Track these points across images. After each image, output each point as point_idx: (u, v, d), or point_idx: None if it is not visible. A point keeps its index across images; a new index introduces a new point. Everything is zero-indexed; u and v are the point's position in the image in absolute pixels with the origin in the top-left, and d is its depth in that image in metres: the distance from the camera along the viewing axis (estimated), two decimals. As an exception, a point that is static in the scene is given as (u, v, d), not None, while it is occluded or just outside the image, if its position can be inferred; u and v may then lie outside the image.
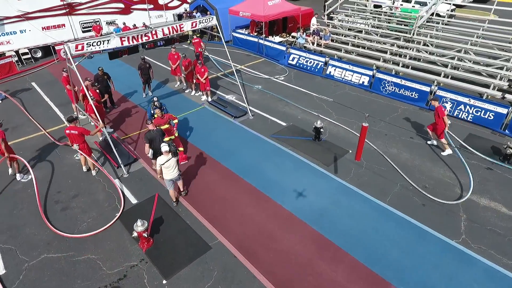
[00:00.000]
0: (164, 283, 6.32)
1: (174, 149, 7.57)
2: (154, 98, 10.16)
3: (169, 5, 22.50)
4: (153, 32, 9.89)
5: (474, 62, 13.87)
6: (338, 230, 7.36)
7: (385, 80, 13.28)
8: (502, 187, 8.45)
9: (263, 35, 18.00)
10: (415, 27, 15.91)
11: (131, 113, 12.52)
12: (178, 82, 14.67)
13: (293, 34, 19.41)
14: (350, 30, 18.78)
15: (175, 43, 11.75)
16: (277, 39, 18.99)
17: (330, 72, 15.06)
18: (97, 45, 8.91)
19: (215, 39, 19.62)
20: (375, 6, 21.82)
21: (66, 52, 8.55)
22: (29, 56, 17.70)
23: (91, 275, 6.48)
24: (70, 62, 8.80)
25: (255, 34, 19.19)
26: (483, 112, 10.98)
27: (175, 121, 9.32)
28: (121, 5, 20.38)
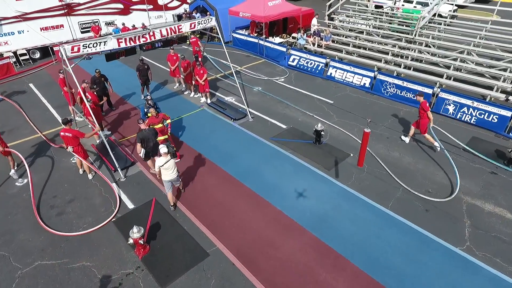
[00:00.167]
0: (160, 292, 6.16)
1: (173, 151, 7.58)
2: (148, 97, 10.14)
3: (169, 6, 22.35)
4: (151, 33, 9.73)
5: (477, 64, 13.67)
6: (339, 237, 7.19)
7: (387, 82, 13.11)
8: (507, 192, 8.26)
9: (263, 36, 17.83)
10: (417, 28, 15.72)
11: (130, 115, 12.36)
12: (177, 84, 14.51)
13: (294, 35, 19.25)
14: (351, 31, 18.59)
15: (174, 45, 11.56)
16: (277, 40, 18.82)
17: (331, 74, 14.88)
18: (94, 47, 8.75)
19: (215, 40, 19.45)
20: (377, 7, 21.64)
21: (62, 54, 8.39)
22: (27, 57, 17.55)
23: (86, 283, 6.31)
24: (66, 64, 8.64)
25: (255, 35, 19.02)
26: (487, 115, 10.80)
27: (168, 121, 9.37)
28: (120, 6, 20.24)
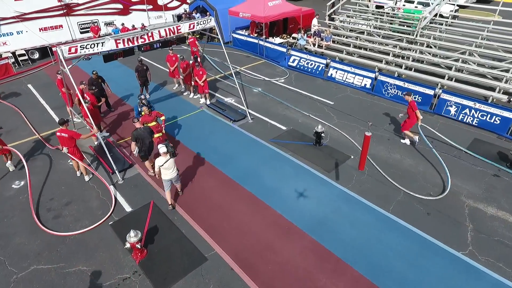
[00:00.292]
0: (157, 297, 6.05)
1: (172, 150, 7.54)
2: (142, 96, 10.19)
3: (169, 6, 22.23)
4: (149, 34, 9.63)
5: (479, 65, 13.54)
6: (339, 240, 7.08)
7: (388, 83, 12.98)
8: (510, 195, 8.14)
9: (263, 36, 17.72)
10: (418, 28, 15.60)
11: (128, 117, 12.23)
12: (177, 84, 14.40)
13: (294, 35, 19.13)
14: (352, 31, 18.47)
15: (172, 45, 11.46)
16: (278, 41, 18.70)
17: (332, 74, 14.76)
18: (91, 48, 8.65)
19: (215, 40, 19.32)
20: (377, 7, 21.51)
21: (59, 55, 8.29)
22: (26, 58, 17.45)
23: (82, 288, 6.22)
24: (63, 65, 8.54)
25: (255, 35, 18.91)
26: (489, 116, 10.68)
27: (162, 118, 9.43)
28: (120, 6, 20.13)
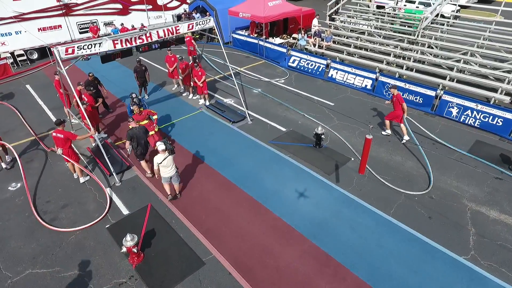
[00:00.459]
0: (154, 303, 5.95)
1: (171, 147, 7.51)
2: (133, 95, 10.17)
3: (168, 6, 22.13)
4: (148, 35, 9.52)
5: (481, 65, 13.41)
6: (339, 245, 6.96)
7: (389, 84, 12.85)
8: (513, 199, 8.03)
9: (263, 37, 17.60)
10: (420, 29, 15.46)
11: (127, 118, 12.11)
12: (176, 85, 14.29)
13: (294, 36, 19.01)
14: (353, 32, 18.34)
15: (171, 46, 11.34)
16: (278, 41, 18.59)
17: (332, 75, 14.65)
18: (88, 48, 8.55)
19: (215, 41, 19.21)
20: (378, 7, 21.38)
21: (56, 56, 8.19)
22: (25, 58, 17.35)
23: (77, 294, 6.12)
24: (60, 66, 8.43)
25: (255, 36, 18.80)
26: (491, 118, 10.55)
27: (155, 117, 9.49)
28: (119, 6, 20.02)
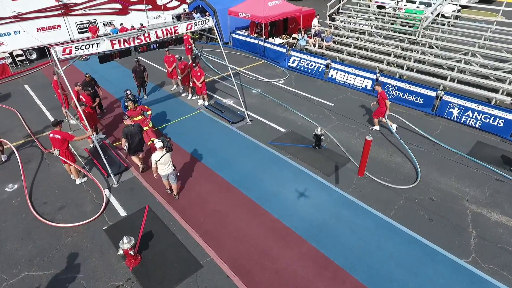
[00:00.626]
0: (151, 306, 5.88)
1: (168, 145, 7.48)
2: (128, 91, 10.20)
3: (168, 6, 22.06)
4: (146, 35, 9.45)
5: (482, 66, 13.32)
6: (339, 247, 6.89)
7: (389, 84, 12.78)
8: (514, 200, 7.95)
9: (263, 37, 17.52)
10: (420, 29, 15.37)
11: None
12: (175, 85, 14.22)
13: (294, 36, 18.93)
14: (353, 32, 18.26)
15: (169, 46, 11.27)
16: (278, 41, 18.51)
17: (332, 75, 14.57)
18: (86, 49, 8.48)
19: (215, 41, 19.16)
20: (379, 7, 21.28)
21: (53, 56, 8.12)
22: (24, 58, 17.28)
23: (73, 297, 6.05)
24: (58, 67, 8.37)
25: (255, 36, 18.72)
26: (492, 119, 10.47)
27: (149, 113, 9.59)
28: (118, 6, 19.95)
